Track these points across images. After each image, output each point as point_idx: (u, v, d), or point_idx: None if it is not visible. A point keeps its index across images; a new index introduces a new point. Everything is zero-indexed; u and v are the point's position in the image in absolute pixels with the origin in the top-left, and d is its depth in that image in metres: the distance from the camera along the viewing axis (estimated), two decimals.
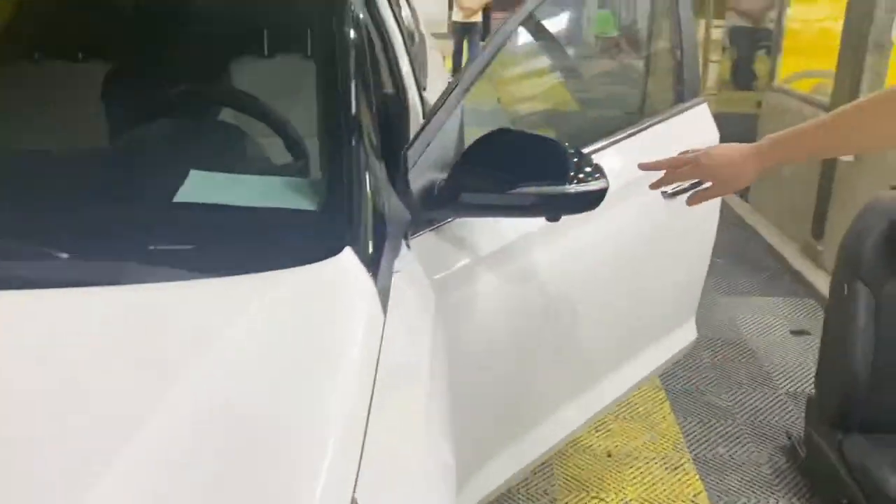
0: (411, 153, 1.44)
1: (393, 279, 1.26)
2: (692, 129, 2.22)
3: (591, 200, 1.42)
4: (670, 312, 2.37)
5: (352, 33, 1.50)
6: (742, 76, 9.25)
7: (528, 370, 1.81)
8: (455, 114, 1.53)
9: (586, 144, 1.93)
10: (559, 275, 1.78)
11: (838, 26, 4.02)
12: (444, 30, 9.64)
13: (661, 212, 2.02)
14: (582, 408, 2.06)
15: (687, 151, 1.51)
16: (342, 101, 1.40)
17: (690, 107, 2.22)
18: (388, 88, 1.94)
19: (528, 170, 1.41)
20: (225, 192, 1.35)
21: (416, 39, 2.92)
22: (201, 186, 1.36)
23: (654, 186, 1.58)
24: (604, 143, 1.98)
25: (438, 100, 1.52)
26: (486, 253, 1.59)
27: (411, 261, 1.39)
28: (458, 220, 1.55)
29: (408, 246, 1.43)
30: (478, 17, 8.77)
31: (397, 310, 1.20)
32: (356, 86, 1.41)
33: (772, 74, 5.07)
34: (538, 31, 3.03)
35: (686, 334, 2.45)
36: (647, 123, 2.09)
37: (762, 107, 5.19)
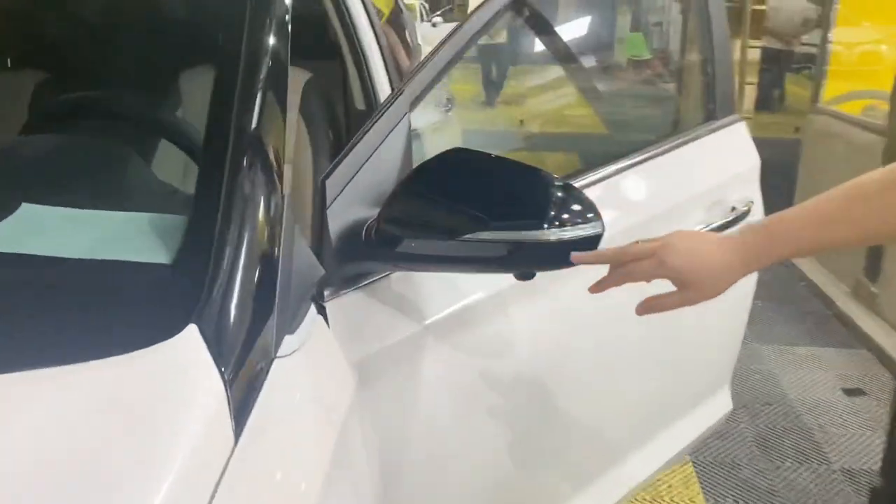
0: (331, 183, 1.04)
1: (275, 370, 0.85)
2: (727, 150, 1.79)
3: (581, 250, 0.99)
4: (700, 380, 1.92)
5: (256, 39, 1.08)
6: (770, 99, 8.76)
7: (512, 470, 1.38)
8: (398, 132, 1.13)
9: (608, 166, 1.52)
10: (547, 344, 1.35)
11: (885, 49, 3.58)
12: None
13: None
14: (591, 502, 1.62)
15: (638, 242, 1.02)
16: (221, 115, 1.00)
17: (725, 125, 1.79)
18: (355, 106, 1.57)
19: (493, 207, 0.99)
20: (51, 237, 0.95)
21: (411, 52, 2.56)
22: (27, 227, 0.97)
23: (594, 290, 1.05)
24: (623, 164, 1.56)
25: (375, 114, 1.12)
26: (436, 319, 1.16)
27: (320, 335, 0.98)
28: (398, 274, 1.14)
29: (321, 312, 1.02)
30: (503, 37, 8.41)
31: (270, 423, 0.79)
32: (248, 99, 1.00)
33: (815, 96, 4.64)
34: (564, 55, 2.73)
35: (720, 405, 2.00)
36: (673, 144, 1.66)
37: (805, 131, 4.76)
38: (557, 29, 2.32)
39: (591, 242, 0.99)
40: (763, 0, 6.50)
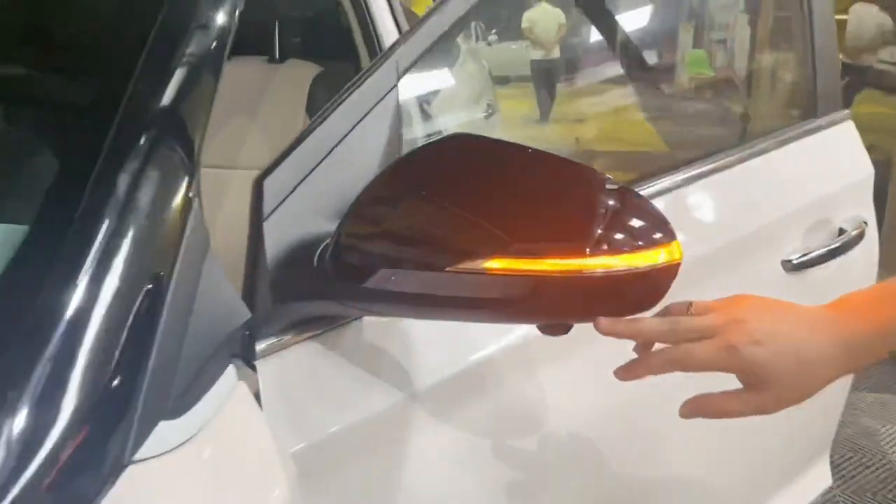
0: (273, 185, 0.71)
1: (122, 485, 0.50)
2: (831, 154, 1.39)
3: (645, 289, 0.63)
4: (792, 451, 1.52)
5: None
6: None
7: None
8: (381, 112, 0.79)
9: (671, 176, 1.15)
10: (588, 414, 0.98)
11: None
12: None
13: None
14: None
15: (692, 304, 0.69)
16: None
17: (829, 123, 1.40)
18: None
19: (509, 220, 0.64)
20: None
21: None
22: None
23: (622, 375, 0.70)
24: (690, 173, 1.17)
25: (345, 88, 0.78)
26: (429, 385, 0.80)
27: (238, 411, 0.64)
28: (367, 320, 0.78)
29: (246, 377, 0.67)
30: (556, 53, 8.08)
31: None
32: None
33: None
34: (624, 72, 2.43)
35: (817, 479, 1.60)
36: (757, 148, 1.28)
37: None
38: (616, 46, 2.03)
39: (662, 278, 0.62)
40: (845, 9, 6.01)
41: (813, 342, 0.64)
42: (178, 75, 0.69)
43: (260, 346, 0.70)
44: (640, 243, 0.61)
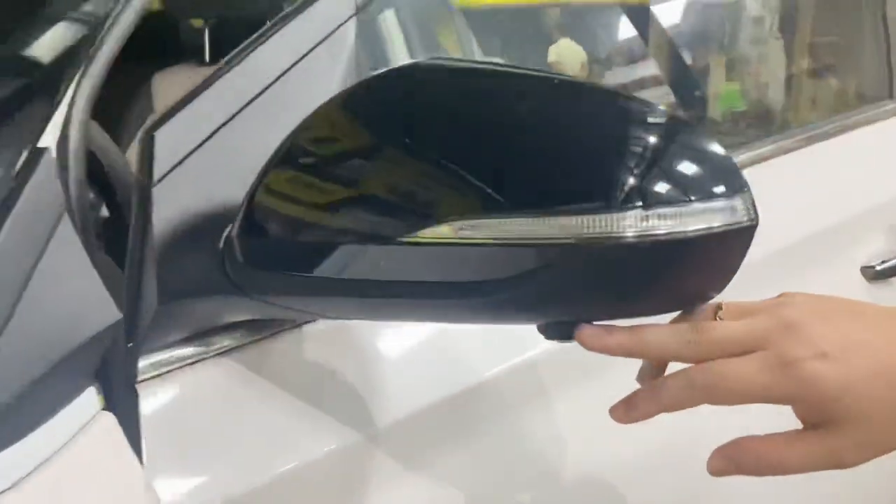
0: (166, 140, 0.51)
1: None
2: None
3: (701, 264, 0.41)
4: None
5: None
6: None
7: None
8: (323, 53, 0.59)
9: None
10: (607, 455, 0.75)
11: None
12: None
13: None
14: None
15: (721, 307, 0.45)
16: None
17: None
18: None
19: (502, 168, 0.43)
20: None
21: None
22: None
23: (618, 415, 0.46)
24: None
25: (261, 32, 0.58)
26: (385, 425, 0.57)
27: (95, 454, 0.43)
28: (307, 328, 0.57)
29: (121, 404, 0.47)
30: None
31: None
32: None
33: None
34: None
35: None
36: (823, 130, 1.06)
37: None
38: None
39: (728, 247, 0.41)
40: None
41: None
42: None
43: (143, 363, 0.50)
44: (693, 198, 0.40)
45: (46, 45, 0.66)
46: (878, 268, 0.97)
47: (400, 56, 1.07)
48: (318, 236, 0.46)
